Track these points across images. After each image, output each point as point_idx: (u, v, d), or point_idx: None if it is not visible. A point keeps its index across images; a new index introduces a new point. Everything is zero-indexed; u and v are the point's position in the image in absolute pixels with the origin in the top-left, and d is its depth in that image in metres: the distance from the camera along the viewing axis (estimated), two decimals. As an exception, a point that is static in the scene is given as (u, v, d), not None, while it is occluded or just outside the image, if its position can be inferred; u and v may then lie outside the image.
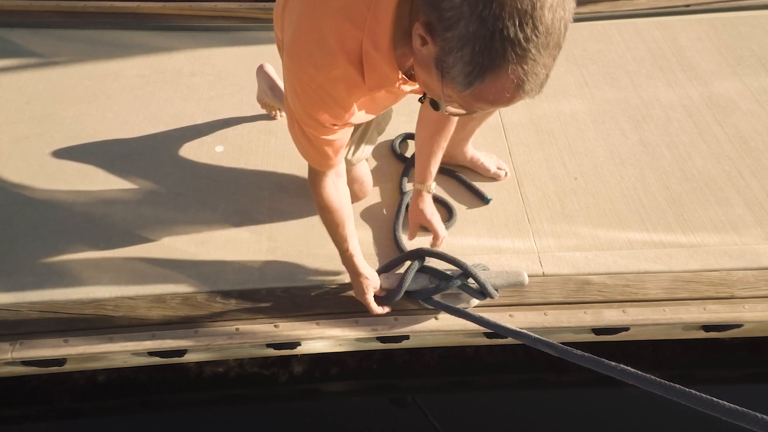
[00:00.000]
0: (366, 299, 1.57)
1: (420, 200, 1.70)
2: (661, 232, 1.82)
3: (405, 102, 2.19)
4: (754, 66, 2.38)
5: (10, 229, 1.83)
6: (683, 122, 2.17)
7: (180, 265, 1.73)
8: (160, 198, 1.93)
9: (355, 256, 1.52)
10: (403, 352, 1.86)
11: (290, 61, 1.14)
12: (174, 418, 1.83)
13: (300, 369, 1.85)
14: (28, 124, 2.18)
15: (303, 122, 1.20)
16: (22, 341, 1.57)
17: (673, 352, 1.87)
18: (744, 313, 1.62)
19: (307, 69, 1.10)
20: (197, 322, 1.61)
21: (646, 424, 1.75)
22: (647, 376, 0.99)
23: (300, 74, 1.12)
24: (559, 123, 2.17)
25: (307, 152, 1.30)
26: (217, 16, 2.64)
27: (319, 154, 1.29)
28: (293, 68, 1.13)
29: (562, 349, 1.13)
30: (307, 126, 1.21)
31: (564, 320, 1.61)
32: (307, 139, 1.24)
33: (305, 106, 1.16)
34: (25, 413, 1.82)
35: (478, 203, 1.90)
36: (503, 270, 1.63)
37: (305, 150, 1.30)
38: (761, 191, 1.92)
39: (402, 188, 1.93)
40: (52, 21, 2.62)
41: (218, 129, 2.16)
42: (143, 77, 2.38)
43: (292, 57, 1.13)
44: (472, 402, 1.83)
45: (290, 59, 1.13)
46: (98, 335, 1.58)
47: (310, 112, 1.16)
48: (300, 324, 1.61)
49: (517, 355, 1.86)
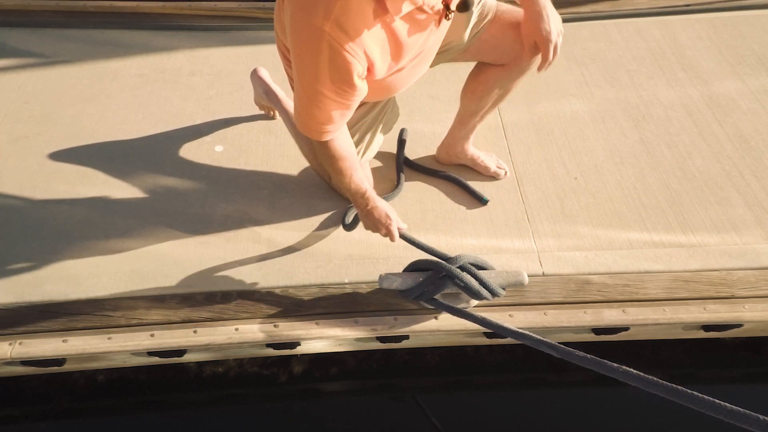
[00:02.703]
0: (389, 226, 1.59)
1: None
2: (661, 231, 1.82)
3: (405, 101, 2.19)
4: (754, 65, 2.38)
5: (10, 229, 1.83)
6: (683, 122, 2.17)
7: (180, 265, 1.73)
8: (159, 198, 1.93)
9: (369, 191, 1.56)
10: (403, 352, 1.86)
11: (296, 14, 1.18)
12: (174, 418, 1.83)
13: (300, 369, 1.85)
14: (27, 123, 2.17)
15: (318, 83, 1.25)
16: (22, 341, 1.57)
17: (673, 351, 1.87)
18: (744, 313, 1.62)
19: (317, 13, 1.16)
20: (197, 322, 1.61)
21: (647, 424, 1.75)
22: (650, 377, 0.99)
23: (310, 26, 1.17)
24: (559, 123, 2.17)
25: (311, 117, 1.35)
26: (217, 15, 2.64)
27: (314, 120, 1.34)
28: (302, 22, 1.18)
29: (564, 350, 1.13)
30: (322, 85, 1.25)
31: (564, 320, 1.61)
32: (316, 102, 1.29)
33: (319, 60, 1.20)
34: (25, 413, 1.82)
35: (477, 204, 1.90)
36: (503, 270, 1.62)
37: (310, 115, 1.34)
38: (761, 191, 1.92)
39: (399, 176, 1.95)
40: (52, 20, 2.61)
41: (218, 129, 2.16)
42: (142, 77, 2.38)
43: (297, 9, 1.17)
44: (472, 402, 1.82)
45: (296, 11, 1.18)
46: (97, 335, 1.58)
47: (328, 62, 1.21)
48: (300, 324, 1.61)
49: (517, 355, 1.86)
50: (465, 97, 1.77)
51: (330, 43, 1.18)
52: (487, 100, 1.72)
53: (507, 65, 1.62)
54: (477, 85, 1.71)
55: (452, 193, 1.93)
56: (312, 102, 1.31)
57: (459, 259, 1.55)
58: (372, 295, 1.67)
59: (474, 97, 1.73)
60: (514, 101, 2.24)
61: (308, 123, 1.38)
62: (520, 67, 1.62)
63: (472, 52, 1.60)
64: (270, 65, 2.08)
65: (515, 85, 1.70)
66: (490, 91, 1.69)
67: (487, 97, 1.71)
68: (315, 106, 1.32)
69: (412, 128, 2.09)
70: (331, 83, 1.26)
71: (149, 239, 1.80)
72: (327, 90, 1.27)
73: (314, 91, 1.28)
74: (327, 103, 1.31)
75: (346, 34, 1.18)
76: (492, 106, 1.77)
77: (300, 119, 1.40)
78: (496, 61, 1.63)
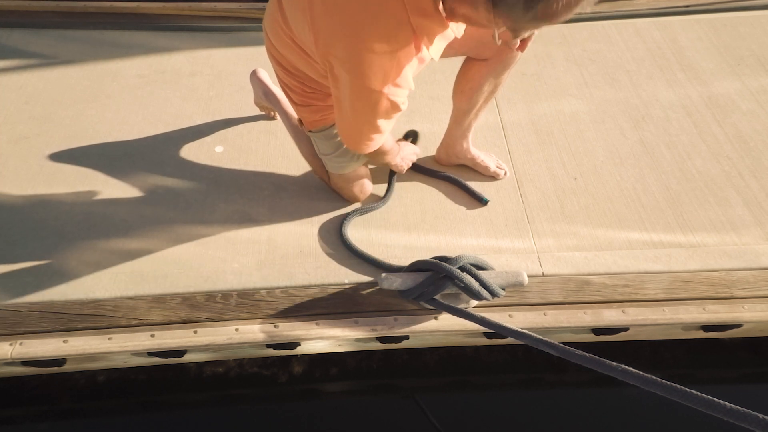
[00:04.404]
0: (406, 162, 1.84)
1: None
2: (661, 232, 1.82)
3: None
4: (753, 66, 2.38)
5: (10, 229, 1.83)
6: (683, 122, 2.17)
7: (180, 265, 1.73)
8: (159, 198, 1.93)
9: (396, 147, 1.75)
10: (403, 352, 1.86)
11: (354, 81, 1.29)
12: (174, 418, 1.83)
13: (300, 369, 1.85)
14: (28, 124, 2.17)
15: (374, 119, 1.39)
16: (22, 341, 1.57)
17: (672, 352, 1.87)
18: (743, 313, 1.62)
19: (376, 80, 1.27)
20: (197, 322, 1.61)
21: (646, 424, 1.75)
22: (648, 376, 0.99)
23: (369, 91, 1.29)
24: (558, 123, 2.17)
25: (354, 140, 1.51)
26: (217, 16, 2.64)
27: (367, 139, 1.48)
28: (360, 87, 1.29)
29: (563, 349, 1.13)
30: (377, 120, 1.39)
31: (563, 320, 1.62)
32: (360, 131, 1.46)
33: (377, 111, 1.35)
34: (25, 413, 1.82)
35: (477, 204, 1.90)
36: (503, 270, 1.63)
37: (355, 139, 1.50)
38: (761, 191, 1.93)
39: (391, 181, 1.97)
40: (52, 21, 2.62)
41: (218, 129, 2.16)
42: (143, 77, 2.38)
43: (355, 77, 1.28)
44: (472, 402, 1.82)
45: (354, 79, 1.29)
46: (98, 335, 1.58)
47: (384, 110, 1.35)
48: (300, 324, 1.61)
49: (517, 355, 1.86)
50: (456, 96, 1.78)
51: (388, 98, 1.32)
52: (477, 97, 1.73)
53: (491, 60, 1.63)
54: (465, 83, 1.71)
55: (452, 194, 1.94)
56: (366, 130, 1.45)
57: (459, 260, 1.55)
58: (372, 296, 1.67)
59: (464, 96, 1.74)
60: (514, 101, 2.24)
61: (358, 144, 1.52)
62: (504, 61, 1.63)
63: (456, 47, 1.60)
64: (270, 66, 2.08)
65: (503, 80, 1.70)
66: (480, 88, 1.70)
67: (477, 95, 1.72)
68: (367, 131, 1.46)
69: (412, 128, 2.10)
70: (386, 116, 1.40)
71: (149, 239, 1.80)
72: (381, 119, 1.41)
73: (370, 125, 1.42)
74: (380, 128, 1.45)
75: (400, 87, 1.32)
76: (484, 103, 1.76)
77: (350, 142, 1.54)
78: (480, 55, 1.64)
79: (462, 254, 1.58)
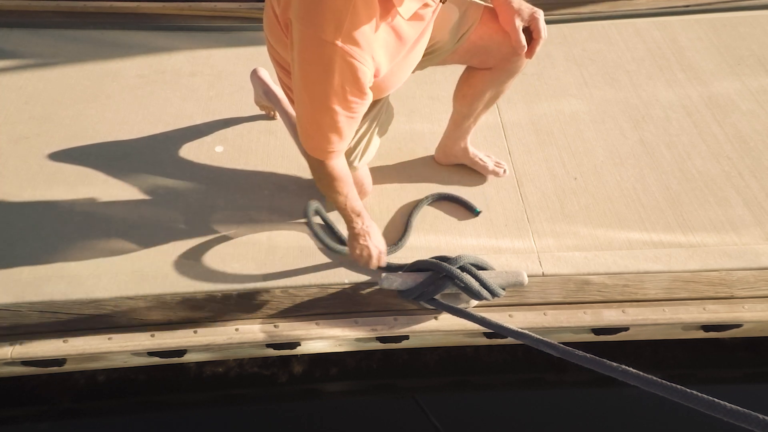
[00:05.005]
0: (375, 255, 1.63)
1: None
2: (661, 232, 1.82)
3: (405, 101, 2.20)
4: (753, 66, 2.38)
5: (10, 229, 1.83)
6: (683, 122, 2.17)
7: (180, 265, 1.73)
8: (159, 198, 1.93)
9: (363, 212, 1.59)
10: (402, 352, 1.86)
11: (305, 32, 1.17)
12: (174, 418, 1.83)
13: (300, 369, 1.85)
14: (28, 124, 2.17)
15: (329, 99, 1.23)
16: (22, 341, 1.57)
17: (672, 352, 1.88)
18: (743, 313, 1.62)
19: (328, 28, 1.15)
20: (197, 322, 1.61)
21: (646, 424, 1.75)
22: (649, 376, 0.99)
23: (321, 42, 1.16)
24: (558, 123, 2.17)
25: (321, 134, 1.33)
26: (217, 16, 2.64)
27: (325, 138, 1.32)
28: (311, 39, 1.17)
29: (563, 349, 1.13)
30: (334, 100, 1.23)
31: (563, 320, 1.62)
32: (326, 118, 1.28)
33: (332, 75, 1.19)
34: (25, 413, 1.82)
35: (477, 205, 1.89)
36: (503, 270, 1.63)
37: (319, 132, 1.33)
38: (761, 191, 1.93)
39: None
40: (52, 21, 2.61)
41: (218, 129, 2.16)
42: (143, 77, 2.38)
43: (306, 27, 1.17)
44: (472, 402, 1.83)
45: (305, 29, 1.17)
46: (98, 335, 1.58)
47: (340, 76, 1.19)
48: (300, 324, 1.61)
49: (517, 355, 1.86)
50: (456, 100, 1.76)
51: (343, 57, 1.17)
52: (478, 104, 1.71)
53: (495, 68, 1.60)
54: (467, 89, 1.69)
55: (444, 209, 1.90)
56: (322, 118, 1.30)
57: (459, 260, 1.55)
58: (372, 295, 1.67)
59: (465, 101, 1.73)
60: (514, 101, 2.24)
61: (317, 142, 1.36)
62: (509, 69, 1.60)
63: (460, 54, 1.58)
64: (270, 66, 2.07)
65: (506, 88, 1.68)
66: (481, 94, 1.68)
67: (478, 101, 1.70)
68: (325, 123, 1.30)
69: (411, 128, 2.10)
70: (343, 96, 1.24)
71: (149, 239, 1.80)
72: (339, 104, 1.26)
73: (325, 107, 1.26)
74: (338, 119, 1.29)
75: (358, 45, 1.17)
76: (484, 108, 1.75)
77: (308, 139, 1.38)
78: (484, 63, 1.61)
79: (462, 254, 1.58)
